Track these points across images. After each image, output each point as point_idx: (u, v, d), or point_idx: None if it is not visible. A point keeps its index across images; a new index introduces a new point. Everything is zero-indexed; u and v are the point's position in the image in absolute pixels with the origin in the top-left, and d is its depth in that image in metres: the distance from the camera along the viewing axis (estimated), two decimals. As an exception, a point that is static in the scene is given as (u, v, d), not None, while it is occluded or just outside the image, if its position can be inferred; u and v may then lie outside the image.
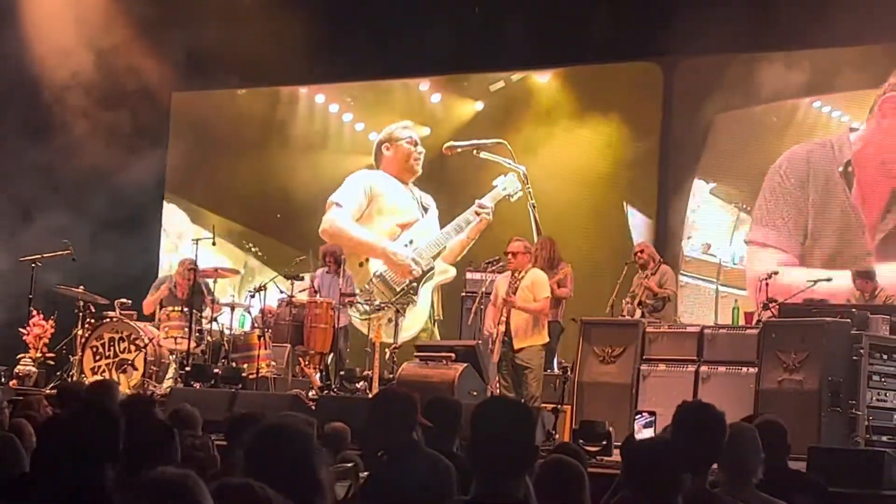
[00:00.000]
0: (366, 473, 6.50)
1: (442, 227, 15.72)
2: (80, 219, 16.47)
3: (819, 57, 15.00)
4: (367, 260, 15.22)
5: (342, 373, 13.84)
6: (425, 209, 15.62)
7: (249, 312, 14.82)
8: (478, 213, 15.22)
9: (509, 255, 12.64)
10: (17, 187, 16.82)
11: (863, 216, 14.99)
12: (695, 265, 16.04)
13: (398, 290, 14.99)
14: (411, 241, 15.53)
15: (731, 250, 15.89)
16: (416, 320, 15.19)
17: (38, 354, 14.99)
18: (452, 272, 15.40)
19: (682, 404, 5.41)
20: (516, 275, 12.55)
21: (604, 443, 10.34)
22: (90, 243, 16.41)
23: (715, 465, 5.30)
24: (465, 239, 15.09)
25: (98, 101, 16.71)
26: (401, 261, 15.16)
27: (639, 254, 13.94)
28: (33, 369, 14.79)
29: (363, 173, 15.85)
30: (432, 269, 15.27)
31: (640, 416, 10.11)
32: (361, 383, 13.37)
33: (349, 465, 7.00)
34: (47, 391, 12.61)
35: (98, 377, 13.60)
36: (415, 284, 15.17)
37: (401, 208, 15.38)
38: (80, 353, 14.23)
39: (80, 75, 16.31)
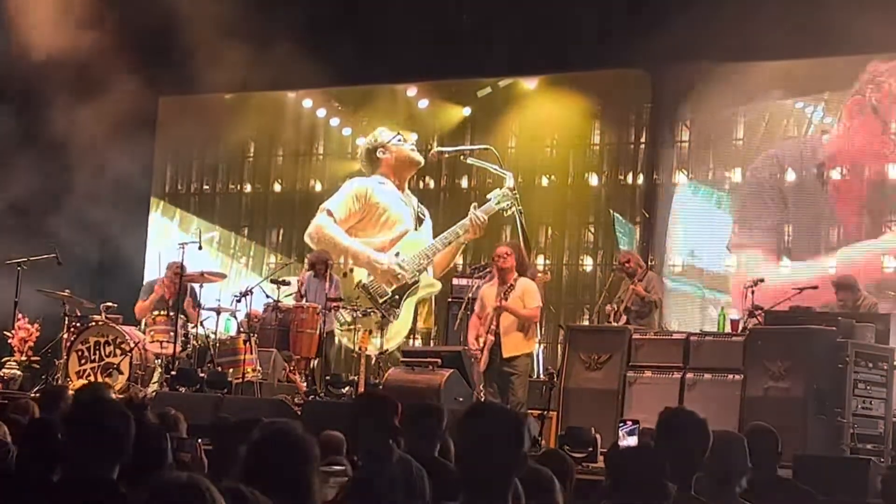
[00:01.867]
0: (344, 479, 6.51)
1: (434, 238, 15.66)
2: (66, 222, 16.45)
3: (803, 65, 15.07)
4: (351, 270, 15.17)
5: (328, 378, 13.82)
6: (420, 220, 15.55)
7: (235, 317, 14.78)
8: (468, 229, 15.12)
9: (499, 259, 12.64)
10: (1, 191, 16.78)
11: (836, 214, 15.16)
12: (679, 270, 16.07)
13: (381, 301, 14.93)
14: (397, 254, 15.50)
15: (715, 255, 15.93)
16: (397, 334, 15.17)
17: (23, 358, 14.93)
18: (438, 286, 15.34)
19: (664, 411, 5.42)
20: (507, 284, 12.56)
21: (589, 449, 10.36)
22: (76, 247, 16.38)
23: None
24: (449, 253, 15.07)
25: (85, 104, 16.67)
26: (385, 268, 15.09)
27: (626, 263, 13.95)
28: (18, 373, 14.74)
29: (361, 181, 15.74)
30: (417, 283, 15.22)
31: (623, 424, 10.13)
32: (347, 388, 13.35)
33: (340, 468, 7.00)
34: (32, 394, 12.55)
35: (83, 381, 13.57)
36: (397, 297, 15.11)
37: (396, 219, 15.31)
38: (65, 357, 14.18)
39: (66, 78, 16.26)
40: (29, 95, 16.67)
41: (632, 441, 9.46)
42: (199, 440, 7.04)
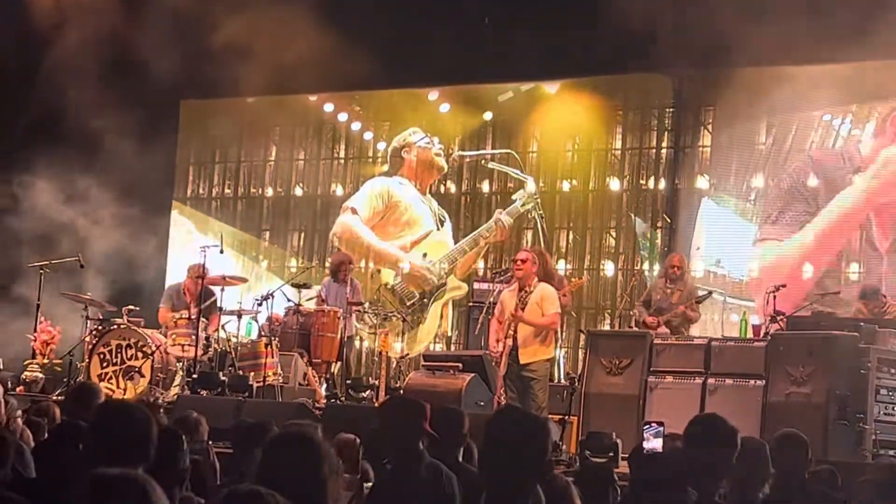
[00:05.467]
0: (369, 484, 6.50)
1: (455, 241, 15.62)
2: (89, 225, 16.49)
3: (828, 71, 15.00)
4: (378, 271, 15.16)
5: (349, 381, 13.83)
6: (441, 222, 15.52)
7: (256, 320, 14.80)
8: (493, 232, 15.05)
9: (518, 262, 12.64)
10: (25, 194, 16.84)
11: (875, 225, 15.01)
12: (703, 277, 16.00)
13: (408, 303, 14.90)
14: (425, 255, 15.47)
15: (739, 263, 15.86)
16: (424, 337, 15.13)
17: (46, 361, 14.99)
18: (465, 289, 15.31)
19: (695, 417, 5.40)
20: (526, 289, 12.54)
21: (611, 454, 10.33)
22: (98, 250, 16.43)
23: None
24: (473, 255, 15.03)
25: (107, 108, 16.72)
26: (416, 271, 15.04)
27: (674, 268, 13.75)
28: (40, 375, 14.80)
29: (382, 180, 15.72)
30: (444, 285, 15.19)
31: (648, 426, 10.08)
32: (368, 392, 13.35)
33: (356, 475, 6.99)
34: (54, 397, 12.60)
35: (105, 384, 13.61)
36: (425, 301, 15.08)
37: (417, 219, 15.28)
38: (87, 360, 14.23)
39: (88, 82, 16.32)
40: (50, 97, 16.72)
41: (657, 443, 9.42)
42: (210, 443, 7.05)
